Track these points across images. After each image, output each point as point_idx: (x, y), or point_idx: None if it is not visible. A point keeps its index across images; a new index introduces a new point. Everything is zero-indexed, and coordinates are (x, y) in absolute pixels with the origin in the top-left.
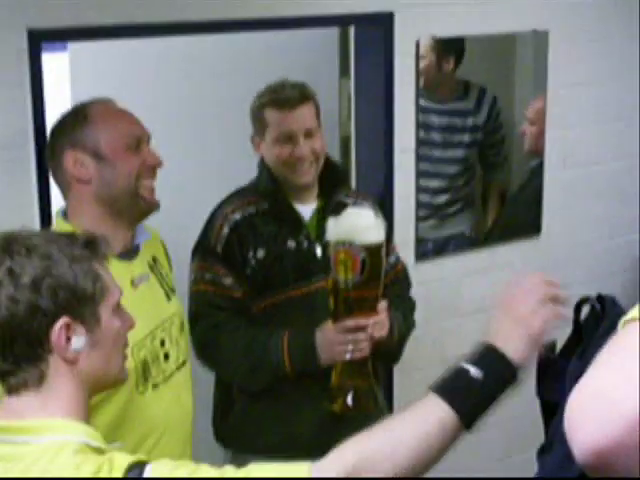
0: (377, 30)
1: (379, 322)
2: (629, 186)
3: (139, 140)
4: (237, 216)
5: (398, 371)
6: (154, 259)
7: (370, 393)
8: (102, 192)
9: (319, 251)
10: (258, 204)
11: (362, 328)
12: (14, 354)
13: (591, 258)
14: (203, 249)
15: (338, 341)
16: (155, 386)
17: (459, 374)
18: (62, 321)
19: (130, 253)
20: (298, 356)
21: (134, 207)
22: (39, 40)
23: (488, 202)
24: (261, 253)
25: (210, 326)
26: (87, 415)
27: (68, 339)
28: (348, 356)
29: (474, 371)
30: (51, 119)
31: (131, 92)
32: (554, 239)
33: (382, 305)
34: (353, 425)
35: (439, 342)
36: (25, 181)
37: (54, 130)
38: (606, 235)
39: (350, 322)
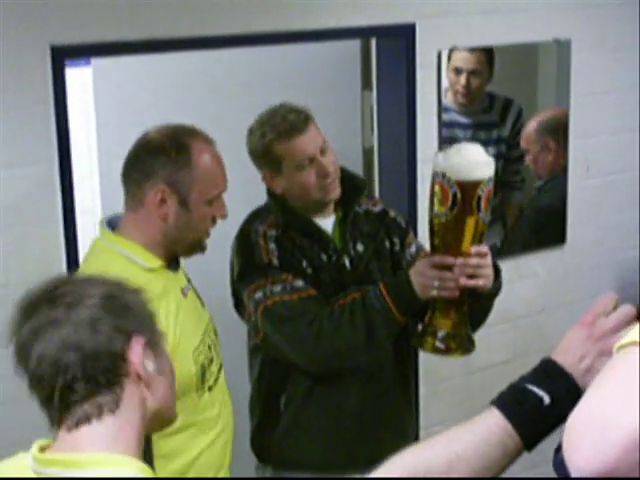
0: (399, 42)
1: (470, 266)
2: None
3: (219, 194)
4: (274, 232)
5: (424, 381)
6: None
7: (461, 337)
8: (171, 232)
9: (348, 263)
10: (283, 225)
11: (447, 267)
12: (91, 378)
13: (615, 267)
14: (257, 268)
15: (426, 275)
16: (210, 389)
17: (527, 397)
18: (140, 340)
19: (175, 265)
20: (397, 293)
21: (189, 252)
22: (62, 57)
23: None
24: (306, 265)
25: (307, 323)
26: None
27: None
28: (434, 293)
29: (542, 394)
30: (75, 133)
31: (154, 106)
32: (578, 249)
33: (478, 249)
34: (400, 437)
35: None
36: (50, 197)
37: (152, 154)
38: (630, 244)
39: (436, 258)
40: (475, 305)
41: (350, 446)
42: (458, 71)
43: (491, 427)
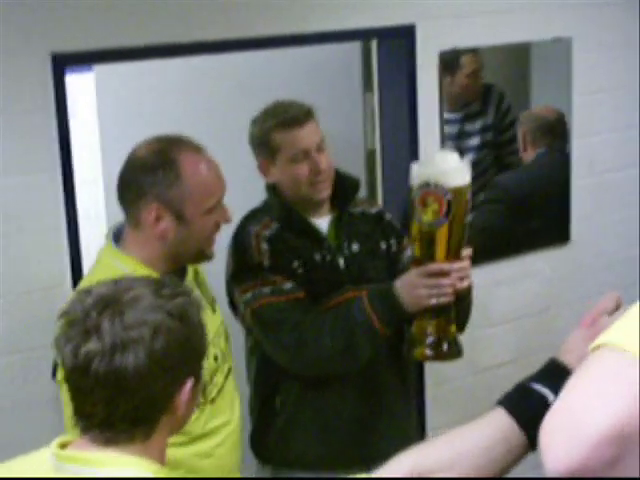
0: (399, 43)
1: (463, 269)
2: None
3: (218, 201)
4: (267, 233)
5: (430, 381)
6: (195, 272)
7: (451, 342)
8: (172, 248)
9: (342, 262)
10: (279, 222)
11: (445, 273)
12: (133, 413)
13: (620, 265)
14: (248, 269)
15: (421, 285)
16: (212, 401)
17: (532, 395)
18: (190, 383)
19: (181, 272)
20: (381, 308)
21: (195, 261)
22: (63, 64)
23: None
24: (300, 264)
25: (290, 328)
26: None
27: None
28: (433, 301)
29: (547, 393)
30: (78, 140)
31: (156, 111)
32: (583, 246)
33: (466, 252)
34: (396, 435)
35: (470, 352)
36: (52, 207)
37: (141, 173)
38: (634, 242)
39: (433, 267)
40: (460, 305)
41: (347, 445)
42: (474, 73)
43: (496, 425)
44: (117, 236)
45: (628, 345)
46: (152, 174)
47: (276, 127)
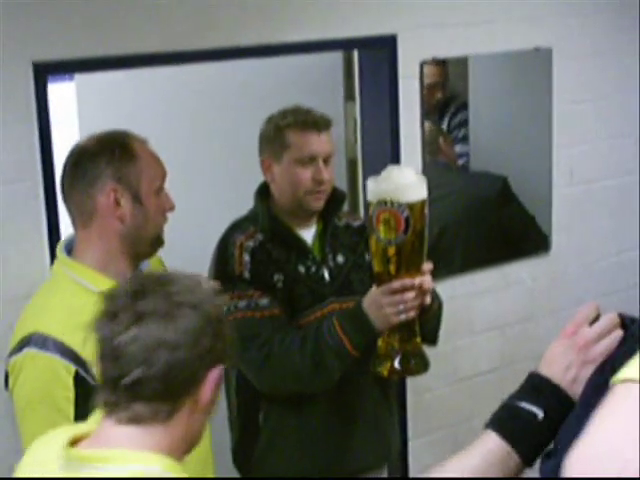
0: (381, 53)
1: (425, 283)
2: (637, 201)
3: (162, 185)
4: (251, 244)
5: (411, 390)
6: None
7: (417, 356)
8: (131, 233)
9: (327, 274)
10: (264, 232)
11: (408, 288)
12: (167, 383)
13: (600, 274)
14: (227, 280)
15: (386, 303)
16: None
17: (520, 415)
18: (219, 370)
19: None
20: (352, 330)
21: (151, 249)
22: (45, 73)
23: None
24: (281, 278)
25: (259, 346)
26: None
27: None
28: (402, 317)
29: (535, 410)
30: (59, 149)
31: (136, 120)
32: (563, 256)
33: (427, 266)
34: (378, 446)
35: (452, 361)
36: (34, 214)
37: (94, 157)
38: (614, 251)
39: (396, 284)
40: (425, 318)
41: (330, 460)
42: (433, 85)
43: (489, 448)
44: (69, 249)
45: None
46: (106, 155)
47: (294, 125)
